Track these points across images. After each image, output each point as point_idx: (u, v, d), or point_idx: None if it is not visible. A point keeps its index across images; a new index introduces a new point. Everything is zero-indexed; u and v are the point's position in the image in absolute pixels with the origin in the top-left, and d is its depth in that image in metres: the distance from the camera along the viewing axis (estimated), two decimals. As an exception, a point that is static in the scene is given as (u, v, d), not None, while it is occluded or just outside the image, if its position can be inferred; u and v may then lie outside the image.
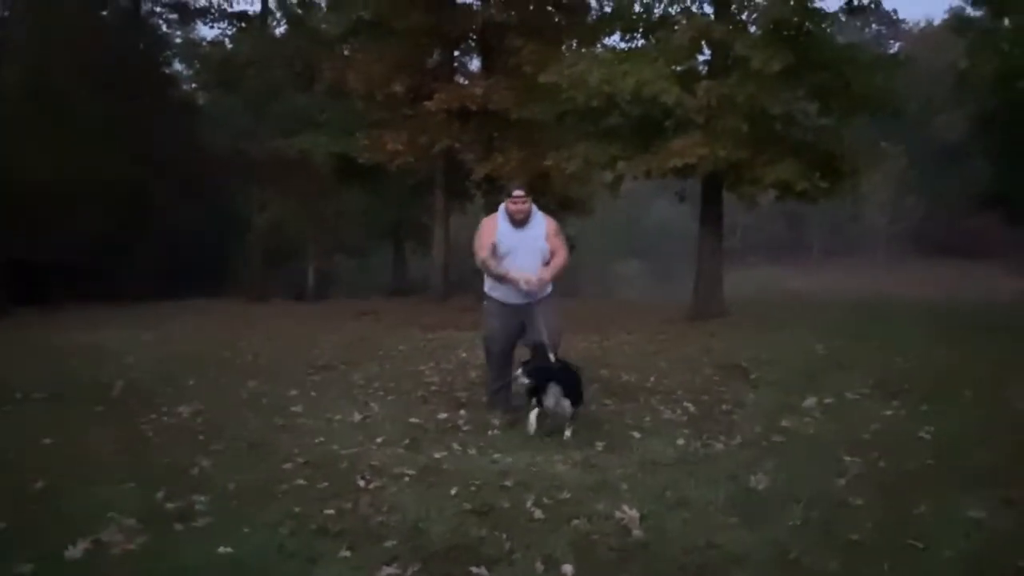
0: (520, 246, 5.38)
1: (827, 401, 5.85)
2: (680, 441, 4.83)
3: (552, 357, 5.13)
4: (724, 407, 5.84)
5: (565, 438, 4.88)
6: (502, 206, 5.52)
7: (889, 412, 5.50)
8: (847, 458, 4.35)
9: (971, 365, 7.37)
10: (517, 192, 5.43)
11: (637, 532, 3.33)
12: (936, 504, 3.58)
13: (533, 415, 5.03)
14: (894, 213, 50.53)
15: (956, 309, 14.67)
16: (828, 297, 23.60)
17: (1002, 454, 4.39)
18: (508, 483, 3.98)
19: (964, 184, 34.05)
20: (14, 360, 8.85)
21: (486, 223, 5.60)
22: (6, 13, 22.08)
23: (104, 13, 25.65)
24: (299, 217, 24.24)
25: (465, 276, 20.45)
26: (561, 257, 5.41)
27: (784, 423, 5.24)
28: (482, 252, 5.43)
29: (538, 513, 3.56)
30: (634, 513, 3.48)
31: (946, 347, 8.63)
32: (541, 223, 5.47)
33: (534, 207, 5.49)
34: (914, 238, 50.86)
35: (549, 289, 5.52)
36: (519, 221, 5.40)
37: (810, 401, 5.83)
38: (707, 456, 4.54)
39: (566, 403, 4.93)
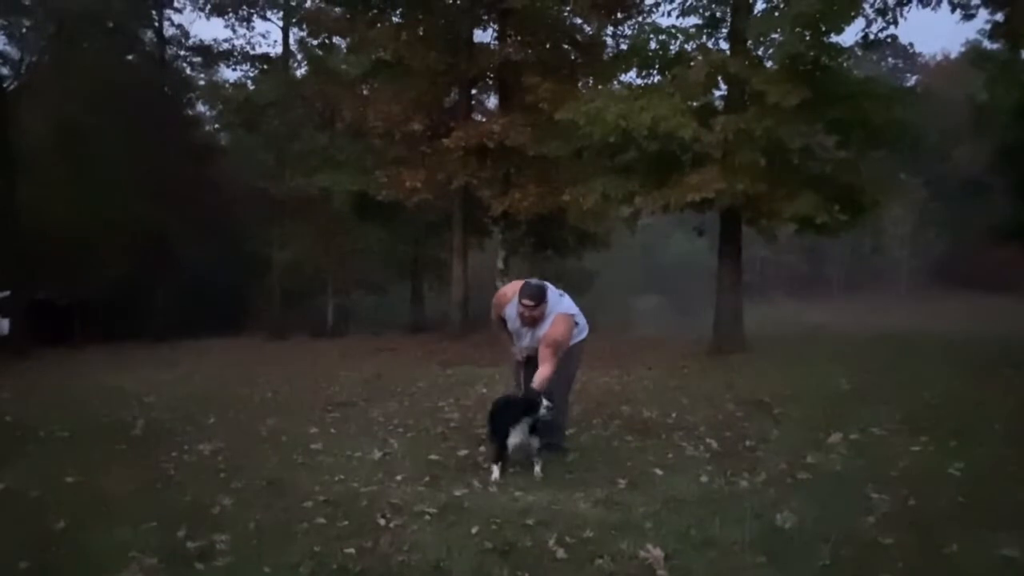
0: (524, 337, 5.31)
1: (853, 437, 5.75)
2: (704, 478, 4.76)
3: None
4: (748, 443, 5.75)
5: (536, 473, 4.84)
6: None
7: (917, 448, 5.38)
8: (875, 495, 4.26)
9: (1000, 400, 7.22)
10: (526, 301, 5.08)
11: (662, 572, 3.27)
12: (968, 543, 3.49)
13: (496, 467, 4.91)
14: (915, 246, 50.19)
15: (982, 343, 14.43)
16: (850, 331, 23.35)
17: (1035, 490, 4.28)
18: (530, 521, 3.92)
19: (986, 216, 33.76)
20: (37, 400, 8.94)
21: (505, 291, 5.46)
22: (32, 58, 22.66)
23: (129, 57, 26.28)
24: (318, 255, 24.44)
25: (483, 312, 20.46)
26: (545, 369, 4.96)
27: (810, 459, 5.14)
28: (493, 315, 5.60)
29: (561, 552, 3.50)
30: (658, 552, 3.42)
31: (973, 382, 8.48)
32: (546, 327, 5.12)
33: (549, 311, 5.14)
34: (936, 271, 50.39)
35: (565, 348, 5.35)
36: (526, 322, 5.20)
37: (836, 437, 5.72)
38: (732, 493, 4.45)
39: (534, 440, 4.87)
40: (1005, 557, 3.33)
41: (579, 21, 17.73)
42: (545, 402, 4.79)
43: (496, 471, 4.83)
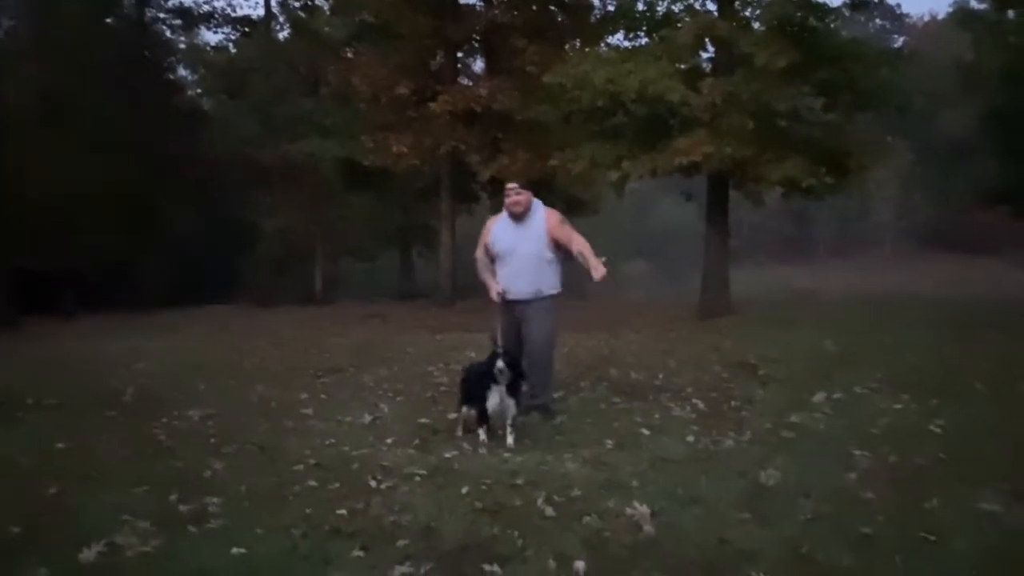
0: (518, 246, 5.44)
1: (836, 396, 5.84)
2: (690, 438, 4.83)
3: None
4: (733, 404, 5.83)
5: (509, 444, 4.78)
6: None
7: (899, 406, 5.48)
8: (857, 452, 4.34)
9: (981, 359, 7.34)
10: (510, 184, 5.56)
11: (648, 529, 3.33)
12: (948, 497, 3.57)
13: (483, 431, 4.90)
14: (901, 209, 50.37)
15: (965, 304, 14.60)
16: (836, 294, 23.53)
17: (1013, 447, 4.37)
18: (519, 482, 3.98)
19: (971, 179, 33.92)
20: (25, 368, 8.91)
21: (487, 225, 5.77)
22: (11, 21, 22.21)
23: (109, 20, 25.78)
24: (306, 222, 24.30)
25: (472, 278, 20.46)
26: (581, 244, 5.33)
27: (794, 419, 5.23)
28: (477, 251, 5.70)
29: (549, 511, 3.56)
30: (645, 510, 3.48)
31: (955, 342, 8.60)
32: (541, 219, 5.48)
33: (536, 202, 5.56)
34: (921, 234, 50.67)
35: (549, 291, 5.52)
36: (517, 215, 5.47)
37: (819, 396, 5.81)
38: (717, 452, 4.53)
39: (510, 402, 4.86)
40: (984, 511, 3.40)
41: (566, -18, 17.53)
42: (499, 363, 4.78)
43: (483, 434, 4.87)
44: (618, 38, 14.42)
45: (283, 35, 25.54)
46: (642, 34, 13.59)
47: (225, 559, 3.09)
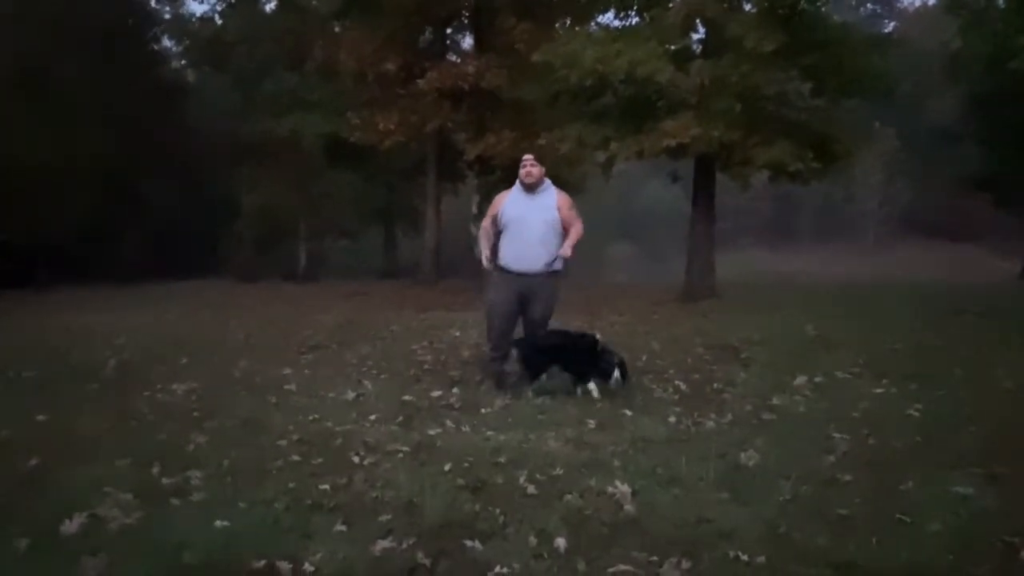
0: (528, 214, 5.60)
1: (817, 380, 5.89)
2: (671, 419, 4.86)
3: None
4: (715, 386, 5.87)
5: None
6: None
7: (878, 390, 5.55)
8: (836, 435, 4.39)
9: (960, 345, 7.43)
10: (527, 156, 5.76)
11: (629, 507, 3.36)
12: (923, 480, 3.62)
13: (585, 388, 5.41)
14: (885, 195, 50.64)
15: (946, 291, 14.75)
16: (819, 279, 23.69)
17: (989, 431, 4.44)
18: (501, 459, 3.99)
19: (955, 166, 34.12)
20: (3, 341, 8.84)
21: (496, 199, 5.95)
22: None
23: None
24: (289, 198, 24.11)
25: (457, 258, 20.46)
26: (577, 230, 5.64)
27: (774, 401, 5.27)
28: (484, 222, 5.87)
29: (531, 489, 3.58)
30: (626, 489, 3.51)
31: (936, 328, 8.69)
32: (552, 194, 5.71)
33: (548, 180, 5.76)
34: (905, 220, 51.00)
35: (556, 266, 5.71)
36: (529, 186, 5.65)
37: (800, 380, 5.86)
38: (698, 434, 4.56)
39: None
40: (958, 494, 3.45)
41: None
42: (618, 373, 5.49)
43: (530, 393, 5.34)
44: (608, 17, 14.35)
45: (269, 7, 25.16)
46: (632, 13, 13.53)
47: (207, 532, 3.09)
